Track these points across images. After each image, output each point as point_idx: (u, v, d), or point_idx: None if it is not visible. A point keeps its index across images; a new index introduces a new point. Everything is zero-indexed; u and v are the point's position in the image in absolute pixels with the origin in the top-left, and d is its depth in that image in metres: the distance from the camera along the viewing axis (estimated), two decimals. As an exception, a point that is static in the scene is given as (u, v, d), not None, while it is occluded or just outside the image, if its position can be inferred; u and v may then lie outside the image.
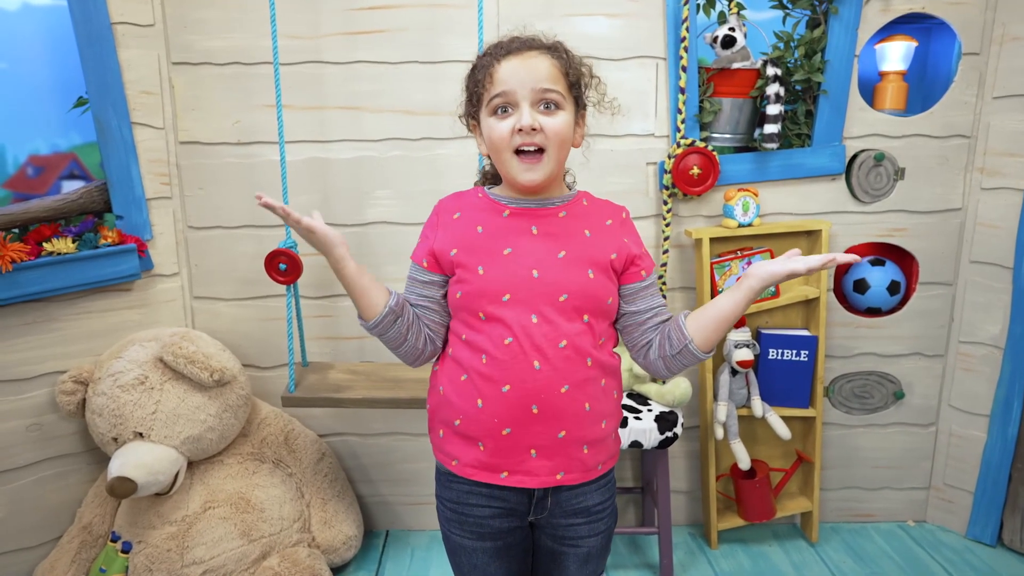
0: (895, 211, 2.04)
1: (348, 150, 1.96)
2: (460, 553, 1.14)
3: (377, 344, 2.06)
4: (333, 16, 1.87)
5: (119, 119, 1.84)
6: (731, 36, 1.92)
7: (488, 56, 1.05)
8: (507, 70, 1.01)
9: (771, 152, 1.96)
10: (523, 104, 1.01)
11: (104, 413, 1.71)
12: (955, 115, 1.98)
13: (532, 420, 1.03)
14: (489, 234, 1.06)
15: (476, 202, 1.11)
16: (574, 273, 1.04)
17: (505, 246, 1.05)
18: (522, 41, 1.04)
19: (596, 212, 1.11)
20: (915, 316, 2.11)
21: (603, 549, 1.17)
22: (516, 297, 1.02)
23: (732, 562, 2.07)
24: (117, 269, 1.84)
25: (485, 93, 1.04)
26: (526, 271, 1.03)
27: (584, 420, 1.06)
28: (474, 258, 1.05)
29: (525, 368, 1.02)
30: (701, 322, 1.04)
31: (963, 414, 2.14)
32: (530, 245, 1.05)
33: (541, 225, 1.06)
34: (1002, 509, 2.09)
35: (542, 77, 1.01)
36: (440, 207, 1.14)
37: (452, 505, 1.13)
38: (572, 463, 1.07)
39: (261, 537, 1.79)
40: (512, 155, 1.03)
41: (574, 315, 1.03)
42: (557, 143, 1.03)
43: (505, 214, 1.08)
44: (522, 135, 1.01)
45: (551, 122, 1.02)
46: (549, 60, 1.02)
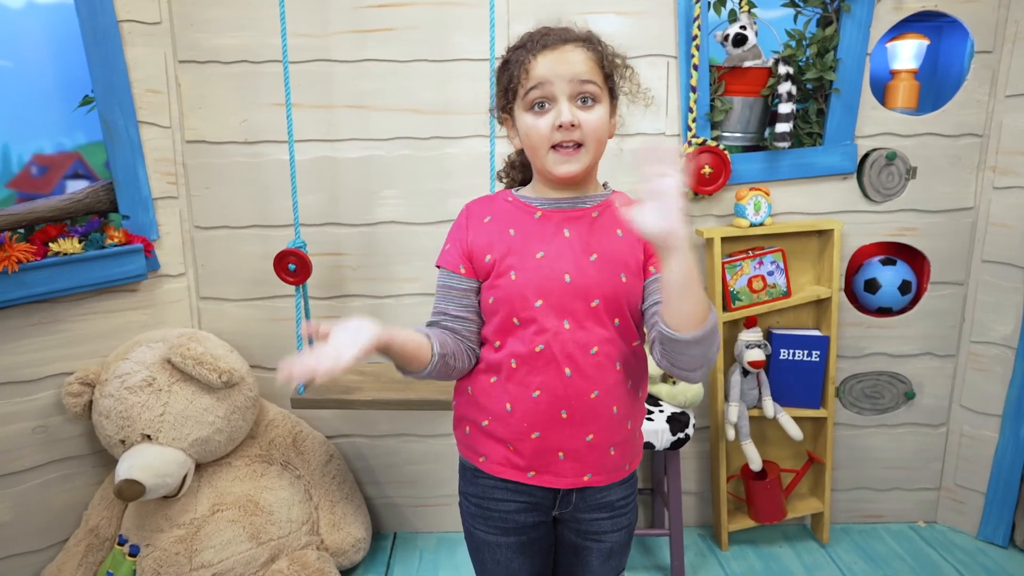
0: (907, 210, 2.02)
1: (356, 149, 1.94)
2: (483, 549, 1.13)
3: (385, 345, 2.05)
4: (342, 14, 1.85)
5: (125, 118, 1.82)
6: (742, 34, 1.91)
7: (522, 50, 1.02)
8: (543, 65, 0.99)
9: (782, 151, 1.94)
10: (561, 99, 0.99)
11: (111, 415, 1.69)
12: (967, 114, 1.97)
13: (561, 424, 1.03)
14: (522, 237, 1.04)
15: (506, 206, 1.08)
16: (607, 277, 1.02)
17: (538, 249, 1.03)
18: (556, 34, 1.01)
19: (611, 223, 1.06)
20: (926, 316, 2.09)
21: (625, 545, 1.17)
22: (548, 303, 1.01)
23: (743, 564, 2.05)
24: (123, 269, 1.82)
25: (520, 88, 1.01)
26: (559, 275, 1.01)
27: (612, 423, 1.05)
28: (507, 263, 1.03)
29: (556, 375, 1.02)
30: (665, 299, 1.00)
31: (974, 414, 2.13)
32: (562, 248, 1.03)
33: (574, 227, 1.04)
34: (1014, 510, 2.08)
35: (579, 71, 0.98)
36: (469, 211, 1.11)
37: (476, 500, 1.12)
38: (599, 465, 1.07)
39: (270, 540, 1.77)
40: (549, 150, 1.01)
41: (606, 319, 1.02)
42: (595, 138, 1.01)
43: (537, 215, 1.05)
44: (562, 131, 0.99)
45: (589, 117, 1.00)
46: (584, 52, 1.00)
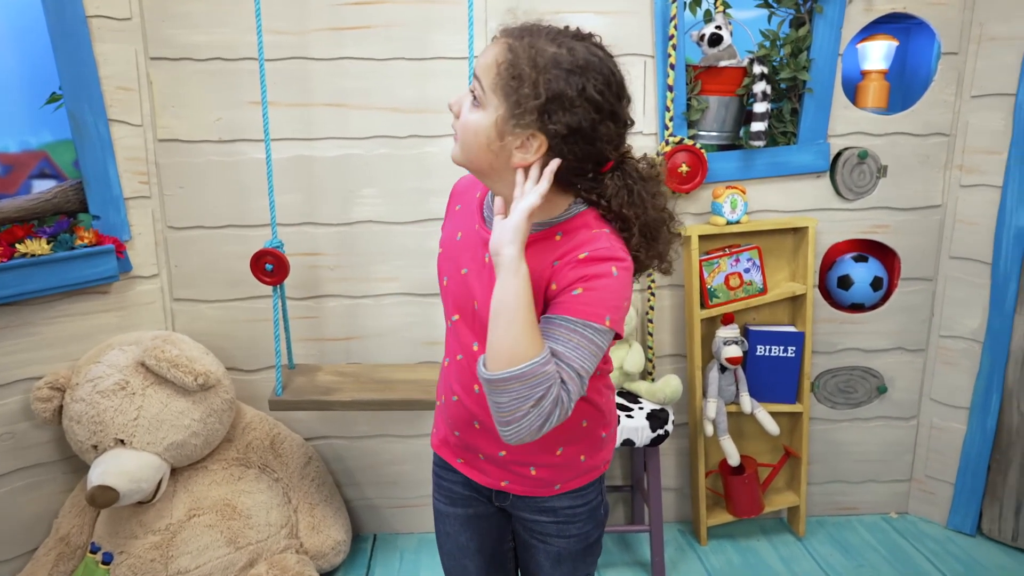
0: (878, 208, 2.07)
1: (334, 148, 1.92)
2: (438, 518, 1.18)
3: (364, 345, 2.04)
4: (319, 11, 1.83)
5: (95, 116, 1.78)
6: (718, 34, 1.93)
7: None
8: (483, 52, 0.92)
9: (758, 150, 1.97)
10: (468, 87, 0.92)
11: (83, 420, 1.65)
12: (935, 114, 2.02)
13: (476, 433, 1.04)
14: (461, 245, 1.01)
15: (475, 200, 1.03)
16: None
17: (464, 265, 0.99)
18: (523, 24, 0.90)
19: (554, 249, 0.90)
20: (897, 311, 2.14)
21: (578, 554, 1.11)
22: (463, 321, 1.01)
23: (722, 558, 2.08)
24: (94, 271, 1.78)
25: None
26: (470, 300, 0.98)
27: (528, 447, 0.96)
28: (444, 266, 1.04)
29: (468, 386, 1.01)
30: None
31: (943, 407, 2.18)
32: (479, 274, 0.96)
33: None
34: (981, 499, 2.14)
35: (479, 65, 0.89)
36: (455, 190, 1.10)
37: (436, 469, 1.17)
38: (518, 478, 1.05)
39: (248, 544, 1.75)
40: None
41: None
42: (462, 135, 0.90)
43: (476, 226, 0.98)
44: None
45: (464, 114, 0.90)
46: (499, 48, 0.87)
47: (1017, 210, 1.94)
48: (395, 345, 2.04)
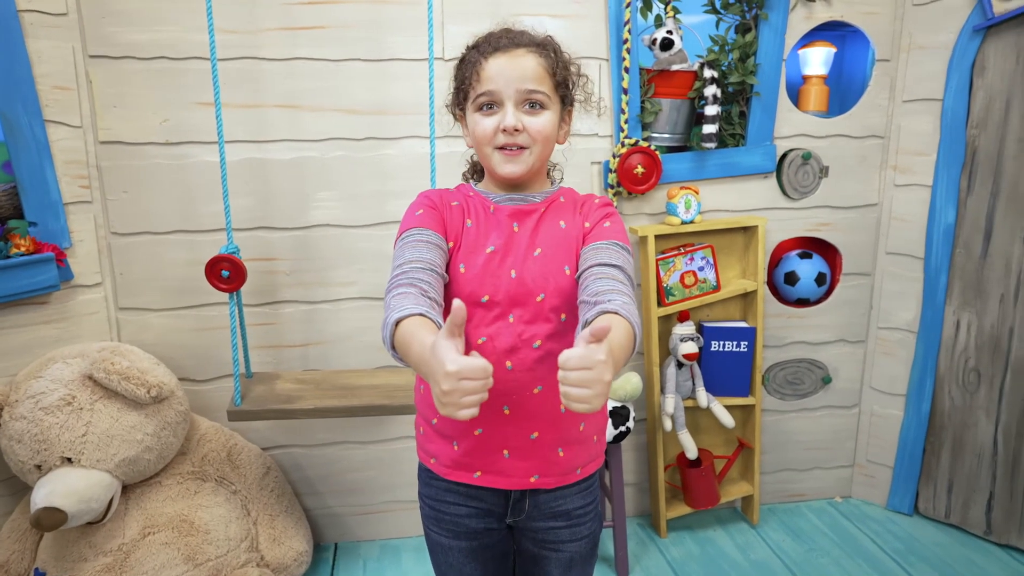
0: (821, 207, 2.16)
1: (287, 150, 1.87)
2: (437, 551, 1.13)
3: (322, 351, 2.01)
4: (271, 10, 1.78)
5: (30, 116, 1.68)
6: (669, 39, 1.98)
7: (476, 51, 1.03)
8: (494, 68, 1.00)
9: (709, 151, 2.03)
10: (508, 104, 1.00)
11: (24, 439, 1.56)
12: (871, 117, 2.13)
13: (504, 421, 1.03)
14: (476, 229, 1.05)
15: (468, 198, 1.09)
16: (551, 271, 1.02)
17: (488, 244, 1.04)
18: (511, 37, 1.02)
19: (571, 206, 1.10)
20: (840, 305, 2.25)
21: (588, 555, 1.15)
22: (494, 299, 1.02)
23: (681, 549, 2.13)
24: (32, 280, 1.68)
25: (472, 90, 1.02)
26: (505, 271, 1.02)
27: (559, 421, 1.05)
28: (459, 255, 1.04)
29: (497, 369, 0.99)
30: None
31: (882, 395, 2.30)
32: (510, 243, 1.04)
33: (523, 222, 1.06)
34: (918, 481, 2.27)
35: (528, 77, 1.00)
36: (434, 193, 1.09)
37: (431, 503, 1.13)
38: (547, 466, 1.06)
39: (207, 560, 1.68)
40: (494, 149, 1.02)
41: (551, 315, 1.03)
42: (540, 141, 1.02)
43: (491, 209, 1.07)
44: (505, 135, 1.00)
45: (534, 121, 1.01)
46: (536, 59, 1.01)
47: (945, 208, 2.07)
48: (354, 350, 2.01)
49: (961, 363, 2.12)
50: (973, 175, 2.03)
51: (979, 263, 2.05)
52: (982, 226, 2.03)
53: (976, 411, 2.11)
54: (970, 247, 2.06)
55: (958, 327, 2.11)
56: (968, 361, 2.11)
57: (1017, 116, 1.92)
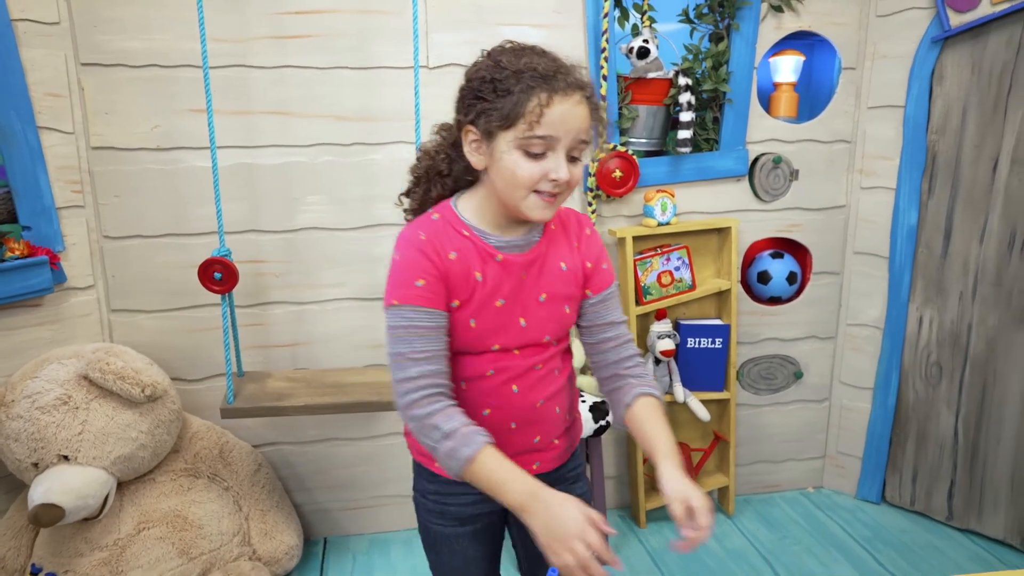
0: (791, 209, 2.26)
1: (276, 156, 1.93)
2: (440, 542, 1.18)
3: (311, 351, 2.06)
4: (260, 20, 1.84)
5: (23, 123, 1.72)
6: (645, 47, 2.06)
7: (532, 81, 0.93)
8: (558, 113, 0.93)
9: (684, 156, 2.12)
10: (561, 153, 0.96)
11: (21, 438, 1.60)
12: (838, 123, 2.23)
13: (510, 433, 1.09)
14: (486, 284, 1.03)
15: (466, 243, 1.03)
16: (555, 314, 1.07)
17: (498, 296, 1.03)
18: (567, 77, 0.95)
19: (565, 234, 1.10)
20: (810, 303, 2.34)
21: None
22: (504, 344, 1.06)
23: (660, 539, 2.22)
24: (27, 283, 1.72)
25: (524, 125, 0.94)
26: (515, 321, 1.05)
27: (555, 421, 1.13)
28: (469, 309, 1.02)
29: (505, 393, 1.07)
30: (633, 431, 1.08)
31: (851, 388, 2.40)
32: (519, 292, 1.05)
33: (531, 270, 1.06)
34: (885, 471, 2.37)
35: (583, 128, 0.97)
36: (430, 246, 1.01)
37: (434, 498, 1.16)
38: (545, 456, 1.14)
39: (201, 554, 1.74)
40: (532, 194, 0.98)
41: (548, 346, 1.10)
42: (573, 188, 1.01)
43: (498, 259, 1.04)
44: (552, 184, 0.96)
45: (576, 172, 0.99)
46: (586, 109, 0.97)
47: (908, 210, 2.17)
48: (342, 350, 2.06)
49: (924, 357, 2.23)
50: (934, 178, 2.13)
51: (940, 262, 2.15)
52: (942, 227, 2.13)
53: (938, 403, 2.22)
54: (931, 247, 2.16)
55: (921, 323, 2.22)
56: (930, 356, 2.21)
57: (973, 123, 2.02)
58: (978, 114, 2.01)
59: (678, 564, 2.08)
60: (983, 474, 2.15)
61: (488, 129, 0.97)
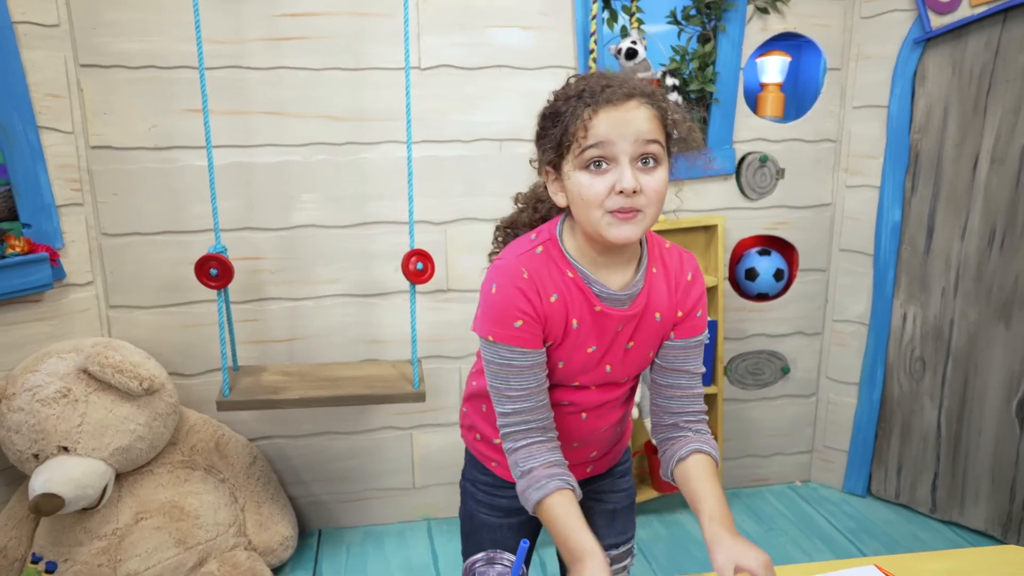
0: (778, 207, 2.30)
1: (271, 155, 1.97)
2: (482, 530, 1.20)
3: (307, 346, 2.10)
4: (256, 22, 1.88)
5: (24, 123, 1.76)
6: (633, 49, 2.10)
7: (578, 101, 0.92)
8: (605, 122, 0.90)
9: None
10: (624, 161, 0.90)
11: (22, 429, 1.64)
12: (824, 122, 2.27)
13: (570, 449, 1.11)
14: (580, 331, 1.01)
15: (568, 283, 1.00)
16: (639, 359, 1.07)
17: (590, 344, 1.03)
18: (619, 87, 0.92)
19: (665, 284, 1.04)
20: (797, 299, 2.38)
21: (627, 509, 1.25)
22: (584, 382, 1.07)
23: (649, 531, 2.26)
24: (27, 279, 1.76)
25: (576, 144, 0.92)
26: (602, 367, 1.05)
27: (612, 439, 1.17)
28: (560, 352, 1.02)
29: (574, 420, 1.10)
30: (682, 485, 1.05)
31: (837, 383, 2.44)
32: (611, 343, 1.04)
33: (628, 324, 1.03)
34: (870, 464, 2.41)
35: (643, 130, 0.90)
36: (531, 287, 0.98)
37: (486, 488, 1.19)
38: (599, 463, 1.19)
39: (197, 544, 1.78)
40: (605, 212, 0.92)
41: (626, 384, 1.11)
42: (656, 202, 0.93)
43: (597, 308, 1.01)
44: (622, 197, 0.90)
45: (651, 181, 0.91)
46: (649, 110, 0.92)
47: (892, 208, 2.22)
48: (337, 345, 2.11)
49: (908, 352, 2.27)
50: (916, 177, 2.17)
51: (923, 259, 2.19)
52: (925, 224, 2.17)
53: (922, 397, 2.26)
54: (915, 244, 2.20)
55: (905, 319, 2.26)
56: (914, 351, 2.26)
57: (954, 122, 2.06)
58: (959, 114, 2.05)
59: (665, 555, 2.12)
60: (965, 467, 2.19)
61: (553, 161, 0.96)
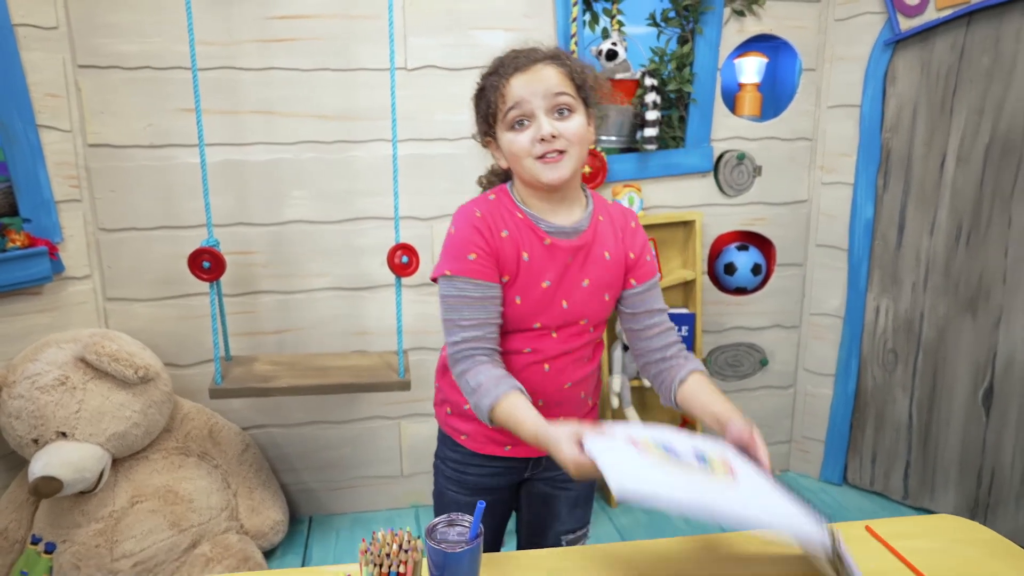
0: (755, 203, 2.37)
1: (263, 152, 2.04)
2: (451, 507, 1.24)
3: (297, 337, 2.17)
4: (247, 24, 1.95)
5: (24, 122, 1.83)
6: (614, 50, 2.17)
7: (495, 75, 1.07)
8: (518, 86, 1.04)
9: (651, 152, 2.23)
10: (539, 114, 1.04)
11: (23, 415, 1.71)
12: (799, 121, 2.34)
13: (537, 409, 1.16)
14: (532, 263, 1.10)
15: (518, 222, 1.11)
16: (595, 299, 1.14)
17: (544, 278, 1.10)
18: (525, 55, 1.07)
19: (611, 227, 1.16)
20: (775, 293, 2.46)
21: (588, 496, 1.29)
22: (544, 324, 1.13)
23: (630, 517, 2.33)
24: (27, 272, 1.83)
25: (499, 111, 1.06)
26: (558, 303, 1.11)
27: (578, 404, 1.21)
28: (515, 288, 1.10)
29: (536, 371, 1.14)
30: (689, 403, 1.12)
31: (814, 375, 2.52)
32: (563, 277, 1.11)
33: (577, 256, 1.12)
34: (846, 453, 2.49)
35: (552, 84, 1.04)
36: (484, 223, 1.09)
37: (455, 466, 1.24)
38: None
39: (191, 527, 1.85)
40: (534, 160, 1.06)
41: (585, 330, 1.16)
42: (576, 143, 1.06)
43: (546, 242, 1.11)
44: (543, 144, 1.04)
45: (567, 125, 1.05)
46: (555, 68, 1.05)
47: (865, 204, 2.29)
48: (326, 336, 2.18)
49: (881, 345, 2.34)
50: (888, 174, 2.24)
51: (894, 254, 2.26)
52: (896, 220, 2.24)
53: (894, 388, 2.33)
54: (887, 239, 2.27)
55: (878, 312, 2.33)
56: (887, 343, 2.33)
57: (923, 121, 2.14)
58: (927, 113, 2.12)
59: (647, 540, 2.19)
60: (935, 455, 2.26)
61: (489, 131, 1.11)
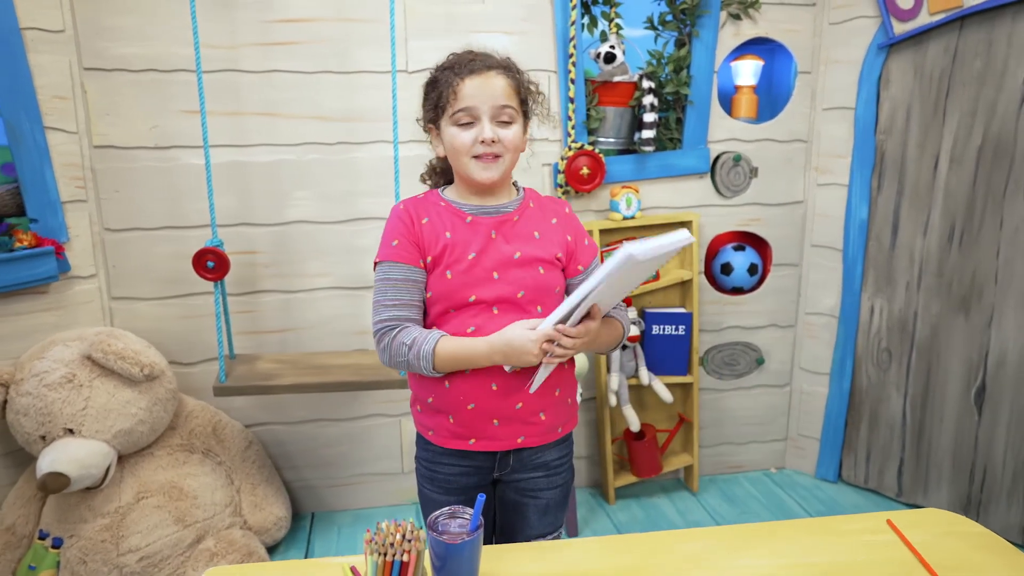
0: (751, 204, 2.40)
1: (266, 154, 2.07)
2: (429, 504, 1.28)
3: (299, 336, 2.20)
4: (250, 27, 1.98)
5: (31, 123, 1.86)
6: (612, 53, 2.20)
7: (450, 72, 1.17)
8: (470, 88, 1.14)
9: (649, 154, 2.26)
10: (484, 119, 1.15)
11: (30, 412, 1.74)
12: (795, 123, 2.37)
13: (492, 396, 1.20)
14: (456, 240, 1.18)
15: (439, 209, 1.21)
16: (528, 272, 1.19)
17: (469, 251, 1.18)
18: (481, 60, 1.17)
19: (541, 212, 1.25)
20: (771, 293, 2.49)
21: (561, 502, 1.31)
22: (480, 297, 1.17)
23: (627, 514, 2.36)
24: (34, 272, 1.86)
25: (449, 106, 1.16)
26: (488, 273, 1.18)
27: (538, 393, 1.20)
28: (443, 263, 1.18)
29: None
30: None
31: (810, 374, 2.55)
32: (489, 248, 1.19)
33: (500, 229, 1.20)
34: (841, 451, 2.52)
35: (500, 95, 1.15)
36: (406, 213, 1.21)
37: (427, 465, 1.28)
38: (530, 428, 1.23)
39: (195, 522, 1.88)
40: (471, 158, 1.17)
41: (530, 306, 1.19)
42: (512, 150, 1.19)
43: (468, 220, 1.20)
44: (483, 146, 1.16)
45: (507, 133, 1.17)
46: (505, 79, 1.17)
47: (859, 205, 2.32)
48: (328, 335, 2.21)
49: (875, 344, 2.37)
50: (882, 176, 2.27)
51: (888, 254, 2.30)
52: (890, 221, 2.28)
53: (888, 387, 2.36)
54: (881, 240, 2.31)
55: (872, 312, 2.36)
56: (881, 342, 2.36)
57: (916, 124, 2.17)
58: (920, 116, 2.15)
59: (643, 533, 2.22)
60: (928, 452, 2.30)
61: (434, 120, 1.20)
